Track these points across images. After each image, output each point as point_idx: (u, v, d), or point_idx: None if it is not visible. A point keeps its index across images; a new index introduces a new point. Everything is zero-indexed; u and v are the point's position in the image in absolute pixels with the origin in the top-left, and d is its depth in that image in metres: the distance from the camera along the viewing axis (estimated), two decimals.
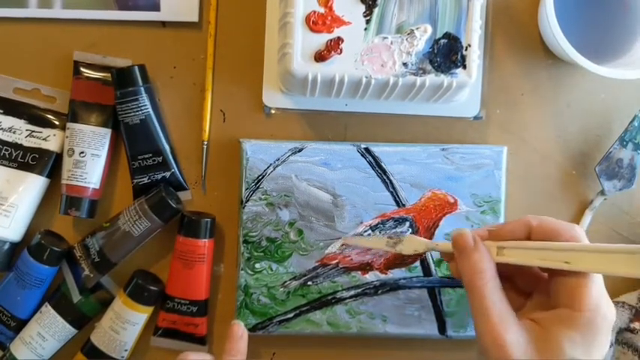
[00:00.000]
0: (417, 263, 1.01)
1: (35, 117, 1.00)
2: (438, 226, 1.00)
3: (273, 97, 1.01)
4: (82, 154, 0.97)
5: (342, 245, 1.00)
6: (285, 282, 1.00)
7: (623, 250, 0.74)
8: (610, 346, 0.98)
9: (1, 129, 1.00)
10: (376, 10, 0.89)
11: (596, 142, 1.04)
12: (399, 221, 1.00)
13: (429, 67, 0.89)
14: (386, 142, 1.01)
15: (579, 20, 0.99)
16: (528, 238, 0.82)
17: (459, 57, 0.89)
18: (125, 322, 0.99)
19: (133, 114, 0.97)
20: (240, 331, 0.94)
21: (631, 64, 0.97)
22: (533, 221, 0.82)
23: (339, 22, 0.89)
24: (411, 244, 0.93)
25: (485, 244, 0.83)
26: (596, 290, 0.77)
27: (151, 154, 0.99)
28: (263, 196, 0.99)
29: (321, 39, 0.89)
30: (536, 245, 0.80)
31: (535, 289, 0.86)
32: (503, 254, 0.82)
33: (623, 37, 0.99)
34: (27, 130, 1.00)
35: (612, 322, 0.78)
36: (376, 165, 1.00)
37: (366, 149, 0.99)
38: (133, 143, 0.99)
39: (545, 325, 0.78)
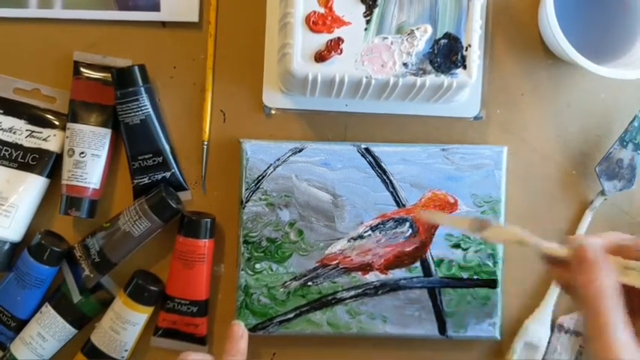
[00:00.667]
0: (418, 264, 1.00)
1: (35, 117, 1.00)
2: (438, 226, 1.00)
3: (274, 98, 1.01)
4: (82, 155, 0.97)
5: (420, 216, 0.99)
6: (286, 282, 1.00)
7: None
8: None
9: (1, 129, 1.00)
10: (376, 11, 0.89)
11: (596, 142, 1.04)
12: (399, 221, 1.00)
13: (429, 67, 0.89)
14: (386, 142, 1.01)
15: (579, 20, 0.99)
16: None
17: (459, 57, 0.89)
18: (125, 322, 0.99)
19: (133, 114, 0.97)
20: (240, 331, 0.93)
21: (631, 64, 0.97)
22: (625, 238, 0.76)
23: (339, 22, 0.89)
24: (499, 233, 0.85)
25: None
26: None
27: (151, 155, 0.99)
28: (263, 197, 0.99)
29: (321, 39, 0.89)
30: None
31: None
32: (628, 275, 0.74)
33: (623, 37, 0.99)
34: (27, 130, 1.00)
35: None
36: (376, 165, 1.00)
37: (366, 149, 0.99)
38: (133, 143, 0.99)
39: None
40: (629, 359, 0.68)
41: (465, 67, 0.90)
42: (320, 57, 0.89)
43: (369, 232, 1.00)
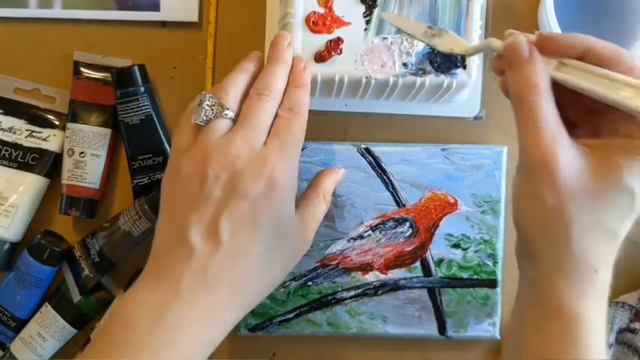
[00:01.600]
0: (417, 264, 1.00)
1: (35, 117, 1.01)
2: (438, 226, 1.00)
3: None
4: (82, 154, 0.97)
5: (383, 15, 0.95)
6: (286, 282, 1.00)
7: None
8: (610, 347, 0.99)
9: (1, 129, 1.00)
10: (376, 11, 0.89)
11: None
12: (399, 221, 1.00)
13: (428, 67, 0.89)
14: (386, 142, 1.01)
15: (579, 20, 0.99)
16: (579, 58, 0.71)
17: (458, 57, 0.89)
18: None
19: (133, 114, 0.97)
20: (286, 40, 0.88)
21: None
22: (592, 40, 0.71)
23: (339, 22, 0.89)
24: (450, 41, 0.82)
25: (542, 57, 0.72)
26: None
27: (151, 154, 0.99)
28: None
29: (321, 39, 0.89)
30: (607, 75, 0.69)
31: (583, 122, 0.76)
32: (563, 71, 0.72)
33: (623, 37, 0.99)
34: (27, 130, 1.00)
35: None
36: (376, 165, 1.00)
37: (366, 149, 0.99)
38: (133, 143, 0.99)
39: (601, 151, 0.70)
40: (563, 158, 0.69)
41: (464, 67, 0.90)
42: (320, 57, 0.89)
43: (369, 232, 1.00)
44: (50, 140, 1.00)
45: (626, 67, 0.69)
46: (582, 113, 0.76)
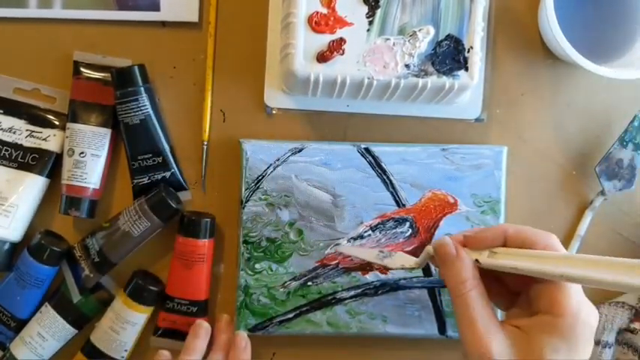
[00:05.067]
0: None
1: (35, 117, 1.00)
2: (438, 226, 1.01)
3: (275, 97, 1.01)
4: (82, 154, 0.97)
5: (336, 252, 1.00)
6: (285, 282, 1.00)
7: (613, 262, 0.73)
8: (610, 347, 0.99)
9: (1, 129, 0.99)
10: (379, 12, 0.89)
11: (596, 142, 1.04)
12: (399, 221, 1.00)
13: (431, 68, 0.90)
14: (386, 142, 1.01)
15: (579, 20, 0.99)
16: (504, 245, 0.81)
17: (461, 59, 0.90)
18: (125, 322, 0.99)
19: (132, 114, 0.97)
20: (243, 342, 1.00)
21: (631, 64, 0.97)
22: (509, 229, 0.81)
23: (341, 22, 0.89)
24: (400, 259, 0.91)
25: (470, 251, 0.82)
26: (576, 295, 0.78)
27: (150, 155, 0.99)
28: (263, 197, 0.99)
29: (323, 39, 0.89)
30: (529, 253, 0.79)
31: (522, 291, 0.85)
32: (495, 257, 0.81)
33: (623, 37, 1.00)
34: (27, 130, 1.00)
35: (594, 328, 0.79)
36: (376, 165, 1.00)
37: (366, 149, 0.99)
38: (133, 143, 0.99)
39: (527, 331, 0.79)
40: (495, 348, 0.77)
41: (466, 68, 0.90)
42: (322, 57, 0.89)
43: (369, 232, 1.00)
44: (50, 140, 1.00)
45: (544, 245, 0.79)
46: (519, 284, 0.84)
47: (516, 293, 0.86)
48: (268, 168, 0.99)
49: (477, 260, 0.81)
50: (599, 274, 0.72)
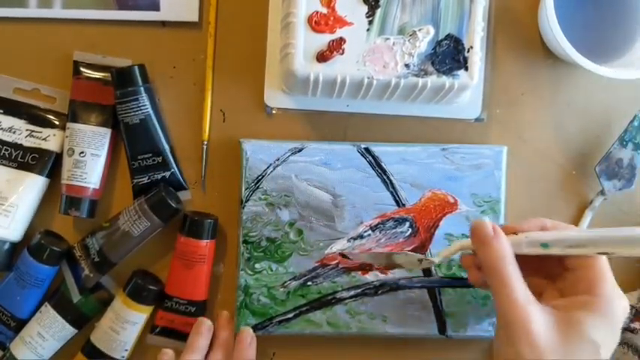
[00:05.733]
0: None
1: (35, 117, 1.00)
2: (438, 226, 1.00)
3: (275, 97, 1.01)
4: (81, 154, 0.97)
5: (339, 254, 1.00)
6: (285, 282, 1.00)
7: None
8: None
9: (1, 129, 0.99)
10: (379, 11, 0.89)
11: (596, 142, 1.04)
12: (399, 221, 1.00)
13: (430, 68, 0.90)
14: (386, 142, 1.01)
15: (579, 20, 0.99)
16: None
17: (461, 59, 0.90)
18: (125, 321, 0.99)
19: (132, 114, 0.97)
20: (249, 337, 1.00)
21: (631, 64, 0.97)
22: (547, 222, 0.86)
23: (341, 22, 0.89)
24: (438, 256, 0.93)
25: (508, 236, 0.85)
26: (611, 282, 0.82)
27: (150, 154, 0.99)
28: (263, 196, 0.99)
29: (323, 39, 0.89)
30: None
31: (547, 289, 0.88)
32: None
33: (623, 37, 1.00)
34: (27, 130, 1.00)
35: (626, 314, 0.82)
36: (376, 165, 1.00)
37: (366, 149, 0.99)
38: (133, 143, 0.99)
39: (565, 309, 0.81)
40: (536, 317, 0.79)
41: (466, 68, 0.90)
42: (322, 57, 0.89)
43: (369, 231, 1.00)
44: (50, 140, 1.00)
45: None
46: (544, 281, 0.89)
47: (550, 277, 0.89)
48: (268, 168, 0.99)
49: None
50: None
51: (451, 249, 0.90)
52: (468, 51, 0.90)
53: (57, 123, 1.01)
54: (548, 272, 0.88)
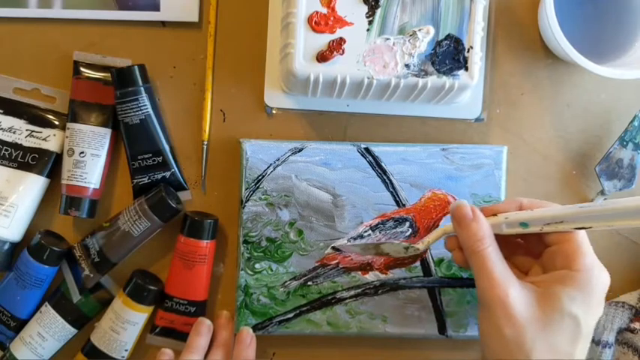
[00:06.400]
0: (417, 263, 1.01)
1: (35, 117, 1.00)
2: (438, 226, 1.01)
3: (275, 97, 1.01)
4: (82, 154, 0.97)
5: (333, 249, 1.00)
6: (285, 282, 1.00)
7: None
8: (610, 347, 0.99)
9: (1, 129, 0.99)
10: (379, 11, 0.89)
11: (596, 142, 1.04)
12: (399, 221, 1.00)
13: (430, 68, 0.90)
14: (386, 142, 1.01)
15: (579, 20, 0.99)
16: None
17: (461, 59, 0.90)
18: (125, 322, 0.99)
19: (132, 114, 0.97)
20: (248, 337, 1.00)
21: (631, 64, 0.97)
22: (524, 200, 0.88)
23: (341, 22, 0.89)
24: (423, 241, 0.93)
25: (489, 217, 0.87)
26: (590, 254, 0.83)
27: (150, 154, 0.99)
28: (263, 196, 0.99)
29: (323, 39, 0.89)
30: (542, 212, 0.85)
31: (532, 268, 0.90)
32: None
33: (623, 37, 1.00)
34: (27, 130, 1.00)
35: (606, 287, 0.83)
36: (376, 165, 1.00)
37: (366, 149, 0.99)
38: (133, 143, 0.99)
39: (544, 284, 0.83)
40: (513, 294, 0.81)
41: (466, 68, 0.90)
42: (322, 57, 0.89)
43: (369, 231, 1.00)
44: (50, 140, 1.00)
45: None
46: (529, 259, 0.91)
47: (535, 255, 0.90)
48: (268, 168, 0.99)
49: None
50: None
51: (434, 234, 0.92)
52: (468, 51, 0.90)
53: (57, 123, 1.01)
54: (532, 250, 0.90)
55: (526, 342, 0.80)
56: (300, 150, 0.99)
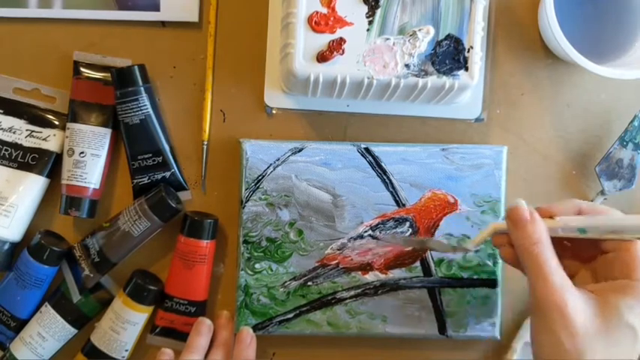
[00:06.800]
0: (417, 263, 1.01)
1: (35, 117, 1.00)
2: (438, 226, 1.01)
3: (275, 97, 1.01)
4: (82, 154, 0.97)
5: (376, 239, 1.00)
6: (285, 282, 1.00)
7: None
8: None
9: (1, 129, 0.99)
10: (379, 11, 0.89)
11: (596, 142, 1.04)
12: (399, 221, 1.00)
13: (430, 68, 0.89)
14: (386, 142, 1.01)
15: (579, 20, 0.99)
16: None
17: (461, 59, 0.90)
18: (125, 322, 0.99)
19: (132, 114, 0.97)
20: (248, 337, 1.00)
21: (631, 64, 0.97)
22: (583, 204, 0.85)
23: (341, 22, 0.89)
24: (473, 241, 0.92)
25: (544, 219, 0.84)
26: None
27: (150, 154, 0.99)
28: (263, 196, 0.99)
29: (323, 39, 0.89)
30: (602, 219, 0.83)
31: (580, 271, 0.88)
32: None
33: (623, 37, 1.00)
34: (27, 130, 1.00)
35: None
36: (376, 165, 1.00)
37: (366, 149, 0.99)
38: (133, 143, 0.99)
39: (602, 293, 0.80)
40: (572, 301, 0.78)
41: (466, 68, 0.90)
42: (322, 57, 0.89)
43: (369, 231, 1.00)
44: (50, 140, 1.00)
45: None
46: (577, 263, 0.89)
47: (584, 259, 0.89)
48: (268, 168, 0.99)
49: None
50: None
51: (484, 233, 0.89)
52: (468, 51, 0.90)
53: (57, 123, 1.01)
54: (580, 254, 0.88)
55: (586, 352, 0.78)
56: (300, 150, 0.99)
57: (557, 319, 0.78)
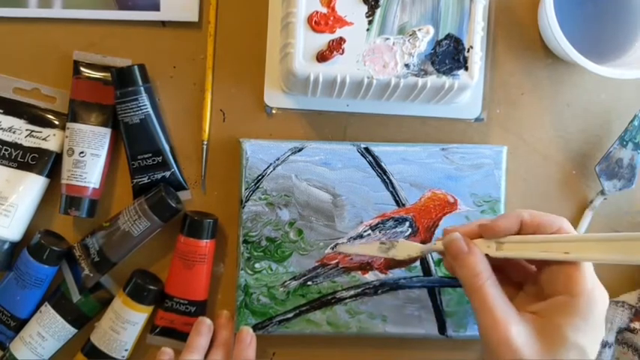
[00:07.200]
0: (417, 263, 1.01)
1: (35, 117, 1.00)
2: (437, 225, 1.01)
3: (275, 97, 1.01)
4: (81, 154, 0.97)
5: (336, 251, 1.00)
6: (285, 282, 1.00)
7: (620, 238, 0.76)
8: (610, 347, 0.99)
9: (1, 129, 0.99)
10: (378, 11, 0.89)
11: (596, 142, 1.04)
12: (399, 221, 1.00)
13: (430, 68, 0.89)
14: (386, 142, 1.01)
15: (579, 20, 0.99)
16: (518, 232, 0.84)
17: (461, 58, 0.90)
18: (125, 321, 0.99)
19: (132, 114, 0.97)
20: (248, 337, 1.00)
21: (631, 63, 0.97)
22: (525, 215, 0.83)
23: (341, 22, 0.89)
24: (404, 248, 0.94)
25: (480, 243, 0.85)
26: (590, 276, 0.80)
27: (150, 154, 0.99)
28: (263, 196, 0.99)
29: (323, 39, 0.89)
30: (535, 239, 0.82)
31: (526, 280, 0.88)
32: (503, 249, 0.84)
33: (623, 37, 1.00)
34: (27, 130, 1.00)
35: (606, 307, 0.81)
36: (376, 165, 1.00)
37: (366, 149, 0.99)
38: (133, 143, 0.99)
39: (544, 315, 0.80)
40: (515, 333, 0.78)
41: (466, 68, 0.90)
42: (322, 57, 0.89)
43: (369, 231, 1.00)
44: (50, 140, 1.00)
45: (557, 228, 0.82)
46: (524, 274, 0.89)
47: (518, 284, 0.89)
48: (268, 168, 0.99)
49: (486, 255, 0.84)
50: (605, 255, 0.77)
51: (429, 247, 0.92)
52: (468, 51, 0.90)
53: (57, 123, 1.01)
54: (521, 271, 0.89)
55: None
56: (300, 150, 0.99)
57: (503, 351, 0.78)
